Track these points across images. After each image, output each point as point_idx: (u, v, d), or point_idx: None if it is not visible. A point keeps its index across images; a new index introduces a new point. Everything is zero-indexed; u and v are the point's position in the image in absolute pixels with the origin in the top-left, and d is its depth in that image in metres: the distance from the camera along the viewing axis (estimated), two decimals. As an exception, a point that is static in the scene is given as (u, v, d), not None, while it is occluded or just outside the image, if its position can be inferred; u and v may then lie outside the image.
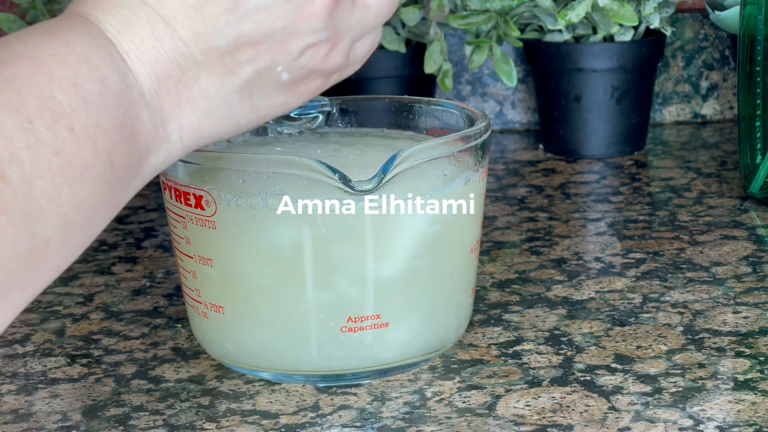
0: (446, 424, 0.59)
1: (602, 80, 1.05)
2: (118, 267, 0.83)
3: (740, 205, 0.92)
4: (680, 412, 0.59)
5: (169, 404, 0.62)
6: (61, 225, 0.43)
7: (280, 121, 0.69)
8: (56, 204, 0.43)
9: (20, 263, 0.42)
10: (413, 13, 1.04)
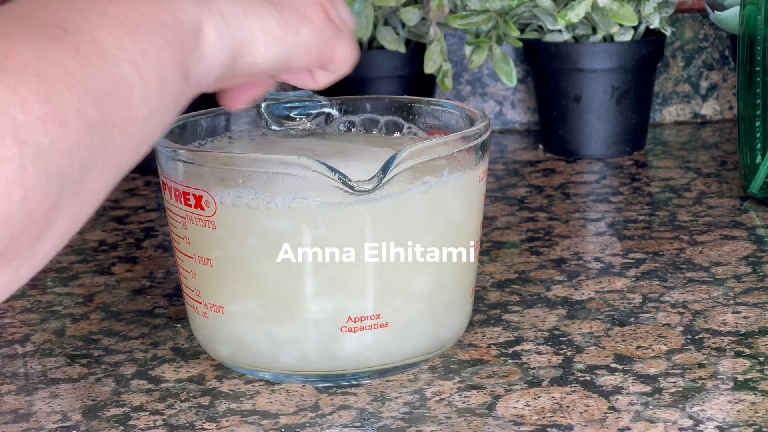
0: (446, 424, 0.59)
1: (602, 80, 1.05)
2: (118, 267, 0.83)
3: (740, 205, 0.92)
4: (680, 412, 0.59)
5: (169, 404, 0.62)
6: (135, 71, 0.43)
7: (280, 121, 0.69)
8: (121, 50, 0.43)
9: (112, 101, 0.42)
10: (413, 13, 1.04)
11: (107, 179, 0.43)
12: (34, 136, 0.39)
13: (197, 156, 0.62)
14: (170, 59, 0.46)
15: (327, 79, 0.60)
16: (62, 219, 0.41)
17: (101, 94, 0.42)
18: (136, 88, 0.43)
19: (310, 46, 0.56)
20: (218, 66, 0.50)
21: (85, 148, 0.41)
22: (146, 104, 0.44)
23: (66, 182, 0.40)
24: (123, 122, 0.43)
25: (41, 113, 0.39)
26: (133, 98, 0.43)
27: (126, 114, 0.43)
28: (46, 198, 0.39)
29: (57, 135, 0.39)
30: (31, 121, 0.39)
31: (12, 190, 0.38)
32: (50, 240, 0.41)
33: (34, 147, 0.38)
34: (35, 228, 0.39)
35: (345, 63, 0.59)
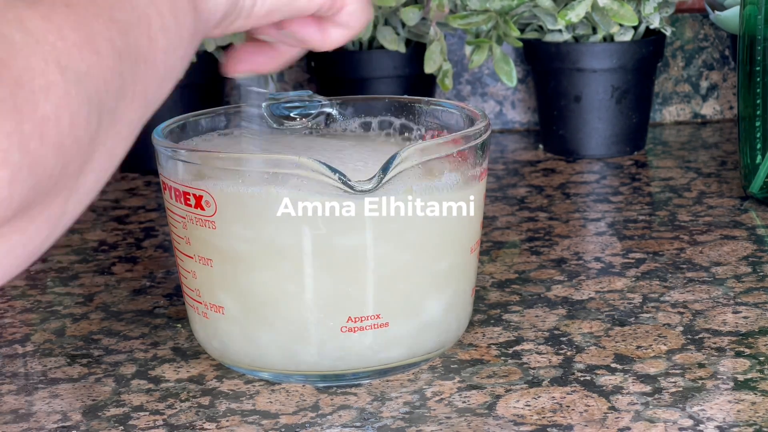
0: (446, 424, 0.59)
1: (602, 80, 1.05)
2: (118, 267, 0.83)
3: (740, 205, 0.92)
4: (680, 412, 0.59)
5: (169, 404, 0.62)
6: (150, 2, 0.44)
7: (281, 121, 0.69)
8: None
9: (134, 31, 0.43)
10: (413, 13, 1.04)
11: (137, 111, 0.44)
12: (73, 62, 0.39)
13: (197, 156, 0.62)
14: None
15: (338, 35, 0.58)
16: (102, 150, 0.41)
17: (124, 23, 0.42)
18: (153, 18, 0.44)
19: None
20: (223, 2, 0.50)
21: (116, 76, 0.41)
22: (164, 35, 0.45)
23: (103, 110, 0.41)
24: (145, 52, 0.43)
25: (77, 40, 0.40)
26: (151, 28, 0.44)
27: (147, 44, 0.43)
28: (89, 124, 0.39)
29: (92, 61, 0.40)
30: (68, 48, 0.39)
31: (61, 116, 0.38)
32: (92, 173, 0.42)
33: (74, 73, 0.39)
34: (81, 156, 0.40)
35: (356, 15, 0.57)
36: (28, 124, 0.37)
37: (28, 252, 0.40)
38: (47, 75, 0.38)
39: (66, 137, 0.38)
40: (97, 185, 0.43)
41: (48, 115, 0.38)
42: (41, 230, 0.40)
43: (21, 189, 0.37)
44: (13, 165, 0.36)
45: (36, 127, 0.37)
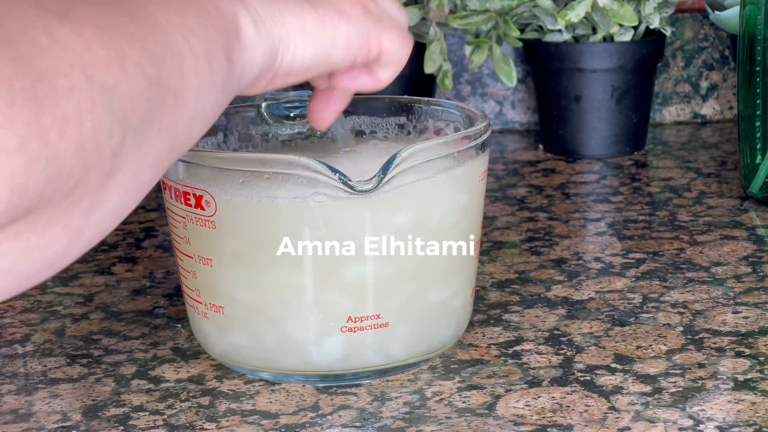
0: (446, 424, 0.59)
1: (602, 80, 1.05)
2: (118, 267, 0.83)
3: (740, 205, 0.92)
4: (680, 412, 0.59)
5: (169, 404, 0.62)
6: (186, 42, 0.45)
7: (281, 121, 0.69)
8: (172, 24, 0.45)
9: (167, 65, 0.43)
10: (413, 13, 1.04)
11: (165, 142, 0.44)
12: (99, 74, 0.40)
13: (197, 156, 0.62)
14: (215, 41, 0.47)
15: (387, 74, 0.60)
16: (126, 169, 0.42)
17: (156, 55, 0.43)
18: (187, 58, 0.45)
19: (350, 39, 0.56)
20: (259, 60, 0.51)
21: (144, 100, 0.42)
22: (197, 76, 0.45)
23: (128, 128, 0.41)
24: (177, 87, 0.44)
25: (105, 56, 0.40)
26: (184, 66, 0.44)
27: (179, 81, 0.44)
28: (112, 137, 0.40)
29: (120, 79, 0.40)
30: (96, 61, 0.40)
31: (83, 119, 0.39)
32: (116, 191, 0.42)
33: (100, 84, 0.40)
34: (103, 167, 0.40)
35: (397, 52, 0.59)
36: (48, 117, 0.37)
37: (46, 257, 0.40)
38: (71, 78, 0.39)
39: (87, 141, 0.39)
40: (124, 207, 0.44)
41: (69, 114, 0.38)
42: (60, 238, 0.40)
43: (37, 180, 0.37)
44: (30, 153, 0.37)
45: (56, 122, 0.38)
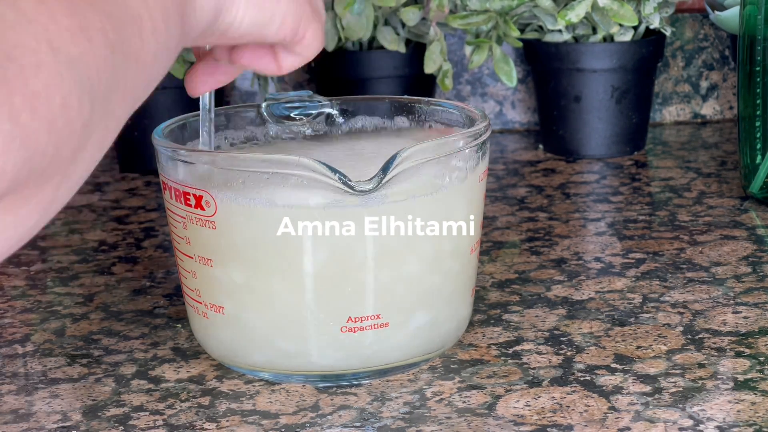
0: (446, 424, 0.59)
1: (602, 80, 1.05)
2: (118, 267, 0.83)
3: (740, 205, 0.92)
4: (680, 412, 0.59)
5: (169, 404, 0.62)
6: (144, 6, 0.45)
7: (281, 121, 0.69)
8: None
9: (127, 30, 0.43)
10: (413, 13, 1.04)
11: (125, 108, 0.44)
12: (65, 45, 0.39)
13: (197, 156, 0.62)
14: (171, 2, 0.47)
15: (291, 62, 0.60)
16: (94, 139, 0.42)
17: (117, 19, 0.43)
18: (146, 22, 0.45)
19: (286, 18, 0.56)
20: (204, 20, 0.51)
21: (109, 67, 0.42)
22: (155, 38, 0.45)
23: (96, 98, 0.41)
24: (137, 52, 0.44)
25: (69, 25, 0.40)
26: (144, 30, 0.44)
27: (139, 44, 0.44)
28: (82, 108, 0.40)
29: (85, 48, 0.40)
30: (61, 31, 0.39)
31: (52, 95, 0.38)
32: (83, 161, 0.42)
33: (66, 56, 0.39)
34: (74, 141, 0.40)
35: (313, 45, 0.59)
36: (18, 97, 0.37)
37: (18, 234, 0.41)
38: (38, 54, 0.38)
39: (58, 117, 0.39)
40: (86, 174, 0.44)
41: (39, 91, 0.38)
42: (32, 214, 0.41)
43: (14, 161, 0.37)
44: (4, 135, 0.37)
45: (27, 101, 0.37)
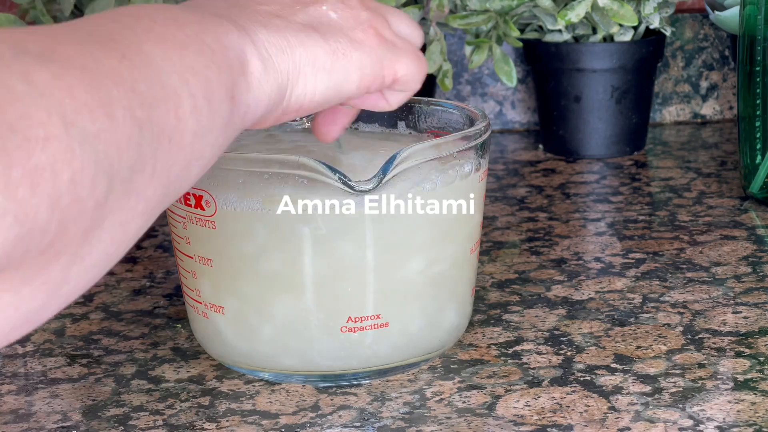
0: (446, 424, 0.59)
1: (602, 80, 1.05)
2: (118, 267, 0.83)
3: (740, 205, 0.92)
4: (680, 412, 0.59)
5: (169, 404, 0.62)
6: (183, 83, 0.43)
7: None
8: (169, 63, 0.43)
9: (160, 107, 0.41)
10: (413, 13, 1.04)
11: (158, 189, 0.42)
12: (81, 120, 0.38)
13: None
14: (217, 79, 0.45)
15: (399, 98, 0.58)
16: (112, 220, 0.40)
17: (148, 97, 0.41)
18: (184, 99, 0.43)
19: (363, 70, 0.54)
20: (265, 98, 0.49)
21: (134, 146, 0.40)
22: (194, 118, 0.43)
23: (115, 177, 0.39)
24: (171, 131, 0.42)
25: (88, 101, 0.38)
26: (181, 108, 0.43)
27: (174, 123, 0.42)
28: (95, 187, 0.38)
29: (104, 125, 0.38)
30: (78, 107, 0.38)
31: (60, 170, 0.36)
32: (100, 243, 0.40)
33: (81, 131, 0.37)
34: (84, 220, 0.38)
35: (412, 80, 0.57)
36: (17, 170, 0.35)
37: (20, 315, 0.38)
38: (48, 127, 0.36)
39: (64, 193, 0.37)
40: (108, 259, 0.41)
41: (43, 166, 0.36)
42: (37, 295, 0.39)
43: (5, 236, 0.35)
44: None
45: (26, 176, 0.35)
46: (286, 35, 0.51)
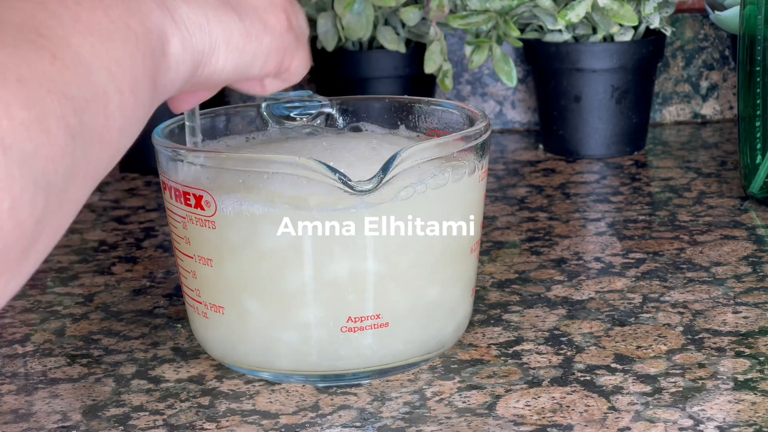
0: (446, 424, 0.59)
1: (602, 80, 1.05)
2: (118, 267, 0.83)
3: (740, 205, 0.92)
4: (680, 412, 0.59)
5: (169, 404, 0.62)
6: (111, 79, 0.43)
7: (281, 121, 0.69)
8: (97, 57, 0.42)
9: (90, 109, 0.41)
10: (413, 13, 1.04)
11: (86, 190, 0.42)
12: (19, 142, 0.37)
13: (197, 156, 0.62)
14: (142, 68, 0.45)
15: (276, 87, 0.59)
16: (48, 231, 0.40)
17: (80, 101, 0.41)
18: (112, 96, 0.43)
19: (269, 55, 0.55)
20: (180, 77, 0.49)
21: (68, 155, 0.40)
22: (121, 113, 0.43)
23: (51, 191, 0.39)
24: (101, 131, 0.42)
25: (25, 119, 0.38)
26: (109, 106, 0.42)
27: (103, 122, 0.42)
28: (34, 208, 0.38)
29: (41, 141, 0.38)
30: (15, 127, 0.37)
31: (1, 199, 0.36)
32: (35, 254, 0.40)
33: (19, 154, 0.37)
34: (25, 240, 0.38)
35: (299, 73, 0.58)
36: None
37: None
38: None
39: (5, 221, 0.36)
40: (38, 265, 0.41)
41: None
42: None
43: None
44: None
45: None
46: (206, 11, 0.51)
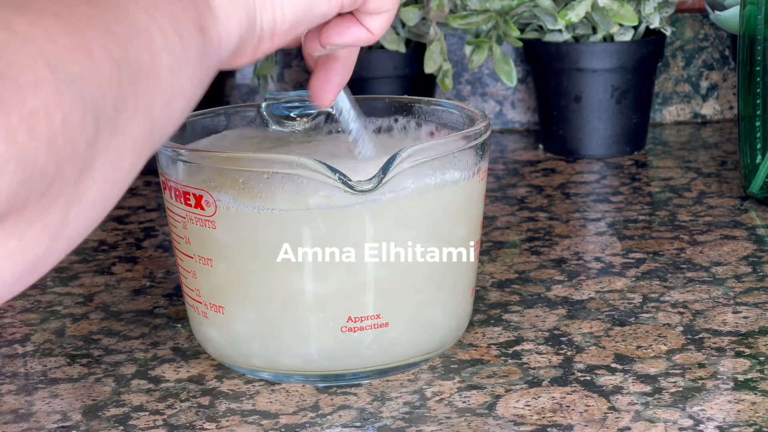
0: (446, 424, 0.59)
1: (602, 80, 1.05)
2: (118, 267, 0.83)
3: (740, 205, 0.92)
4: (680, 412, 0.59)
5: (169, 404, 0.62)
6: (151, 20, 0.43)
7: (281, 121, 0.69)
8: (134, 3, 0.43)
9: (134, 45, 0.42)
10: (413, 13, 1.04)
11: (142, 127, 0.43)
12: (64, 63, 0.38)
13: (197, 156, 0.62)
14: (183, 14, 0.45)
15: (379, 23, 0.57)
16: (103, 159, 0.41)
17: (122, 36, 0.41)
18: (155, 36, 0.43)
19: None
20: (235, 27, 0.49)
21: (114, 85, 0.40)
22: (168, 53, 0.44)
23: (101, 116, 0.40)
24: (148, 67, 0.42)
25: (68, 45, 0.39)
26: (153, 44, 0.43)
27: (149, 59, 0.43)
28: (85, 127, 0.39)
29: (86, 66, 0.39)
30: (59, 50, 0.38)
31: (52, 112, 0.37)
32: (94, 183, 0.41)
33: (65, 74, 0.38)
34: (78, 160, 0.39)
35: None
36: (15, 115, 0.36)
37: (27, 261, 0.39)
38: (35, 72, 0.37)
39: (59, 135, 0.37)
40: (105, 200, 0.42)
41: (37, 109, 0.37)
42: (41, 239, 0.39)
43: (9, 182, 0.36)
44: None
45: (24, 120, 0.36)
46: None
